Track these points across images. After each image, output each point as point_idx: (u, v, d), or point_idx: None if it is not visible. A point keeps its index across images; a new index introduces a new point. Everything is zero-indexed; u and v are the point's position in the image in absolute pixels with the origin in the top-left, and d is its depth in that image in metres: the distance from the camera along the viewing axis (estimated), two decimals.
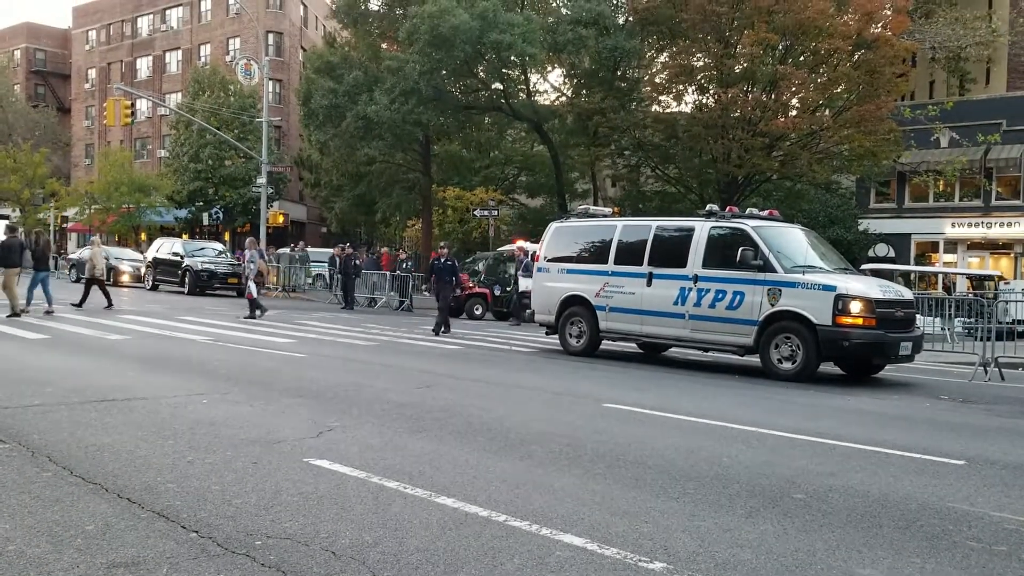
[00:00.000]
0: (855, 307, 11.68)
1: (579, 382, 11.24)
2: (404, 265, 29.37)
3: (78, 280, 35.10)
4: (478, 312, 24.72)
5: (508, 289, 24.63)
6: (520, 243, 27.28)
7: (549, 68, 37.12)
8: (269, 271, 18.96)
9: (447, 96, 32.68)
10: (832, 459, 6.70)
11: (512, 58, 29.66)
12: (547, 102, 37.47)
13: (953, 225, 34.78)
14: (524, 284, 21.73)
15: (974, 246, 35.21)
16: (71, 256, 39.31)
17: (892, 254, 34.03)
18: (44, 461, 5.63)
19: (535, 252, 16.80)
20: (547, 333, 16.12)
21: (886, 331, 11.86)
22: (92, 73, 65.78)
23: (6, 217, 62.32)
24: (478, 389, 10.00)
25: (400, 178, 41.65)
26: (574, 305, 14.95)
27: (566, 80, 37.67)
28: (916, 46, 29.59)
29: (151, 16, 61.90)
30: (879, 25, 27.30)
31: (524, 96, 35.24)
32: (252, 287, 19.51)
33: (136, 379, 9.53)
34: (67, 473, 5.35)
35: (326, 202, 48.87)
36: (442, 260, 19.00)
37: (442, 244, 19.27)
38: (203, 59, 56.90)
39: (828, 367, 13.06)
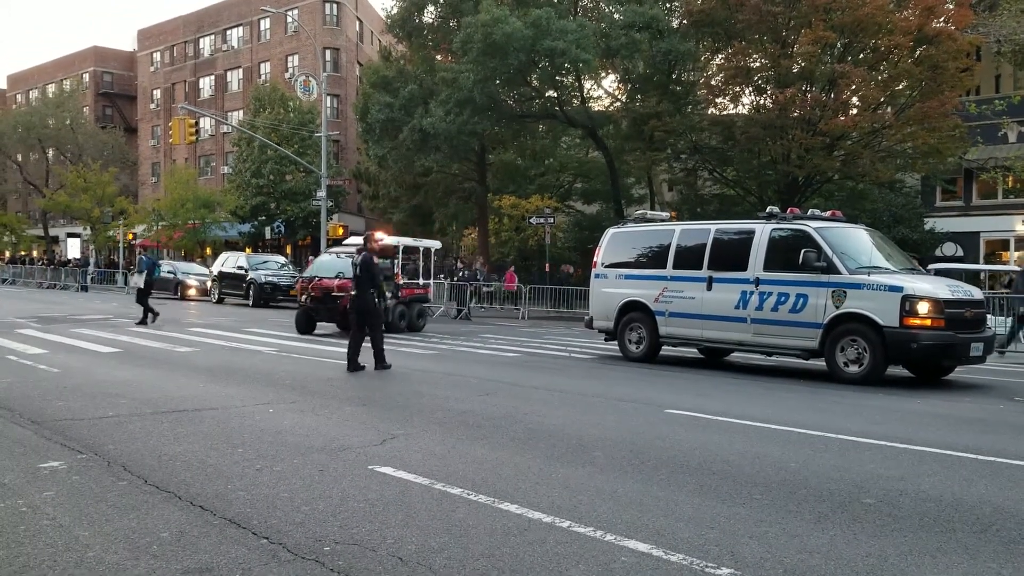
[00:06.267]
0: (923, 308, 11.40)
1: (640, 388, 11.17)
2: (462, 274, 29.56)
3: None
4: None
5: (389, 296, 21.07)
6: (379, 235, 25.43)
7: (603, 74, 36.97)
8: None
9: (501, 105, 32.79)
10: (902, 463, 6.55)
11: (566, 65, 29.60)
12: (601, 108, 37.31)
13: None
14: (135, 280, 22.24)
15: None
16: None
17: (960, 253, 33.07)
18: (119, 471, 5.81)
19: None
20: (606, 339, 16.07)
21: (955, 332, 11.56)
22: (157, 94, 67.72)
23: (78, 235, 64.59)
24: (538, 396, 10.01)
25: (456, 188, 41.93)
26: (633, 311, 14.88)
27: (620, 85, 37.47)
28: (980, 40, 28.73)
29: (213, 37, 63.47)
30: (941, 20, 26.61)
31: (578, 102, 35.14)
32: None
33: (205, 390, 9.77)
34: (141, 482, 5.51)
35: (384, 213, 49.38)
36: (374, 257, 12.69)
37: (379, 235, 13.11)
38: (263, 77, 58.12)
39: (896, 370, 12.77)
